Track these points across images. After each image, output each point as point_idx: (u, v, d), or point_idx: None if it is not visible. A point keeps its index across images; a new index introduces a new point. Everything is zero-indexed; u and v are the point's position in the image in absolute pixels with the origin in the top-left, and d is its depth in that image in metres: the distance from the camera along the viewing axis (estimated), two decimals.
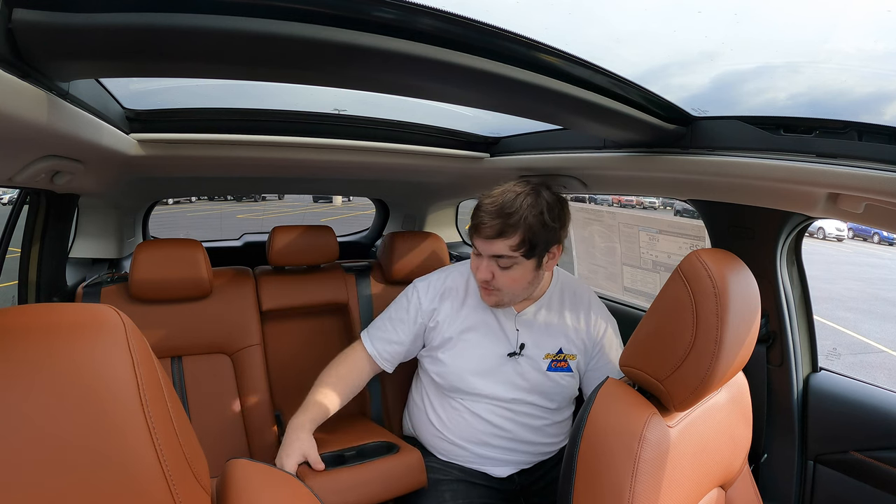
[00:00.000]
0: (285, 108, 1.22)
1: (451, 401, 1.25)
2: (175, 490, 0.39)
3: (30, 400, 0.34)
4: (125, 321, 0.40)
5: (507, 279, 1.12)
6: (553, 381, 1.22)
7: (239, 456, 0.57)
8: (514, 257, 1.10)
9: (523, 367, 1.21)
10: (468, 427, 1.22)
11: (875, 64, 0.81)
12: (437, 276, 1.32)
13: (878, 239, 14.82)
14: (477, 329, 1.24)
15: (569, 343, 1.24)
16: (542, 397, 1.22)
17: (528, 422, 1.23)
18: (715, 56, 0.91)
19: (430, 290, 1.28)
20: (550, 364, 1.22)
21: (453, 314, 1.25)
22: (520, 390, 1.21)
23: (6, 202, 3.49)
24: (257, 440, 1.42)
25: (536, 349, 1.22)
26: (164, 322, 1.40)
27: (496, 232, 1.08)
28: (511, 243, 1.08)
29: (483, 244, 1.11)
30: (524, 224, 1.08)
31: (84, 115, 0.80)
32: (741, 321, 0.77)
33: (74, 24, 0.51)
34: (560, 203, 1.16)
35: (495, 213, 1.08)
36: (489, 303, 1.19)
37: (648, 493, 0.70)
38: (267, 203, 19.07)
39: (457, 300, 1.27)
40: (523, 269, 1.12)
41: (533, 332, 1.23)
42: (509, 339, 1.23)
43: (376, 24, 0.58)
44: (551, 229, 1.11)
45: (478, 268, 1.14)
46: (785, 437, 1.20)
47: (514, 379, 1.21)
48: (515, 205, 1.08)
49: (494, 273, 1.12)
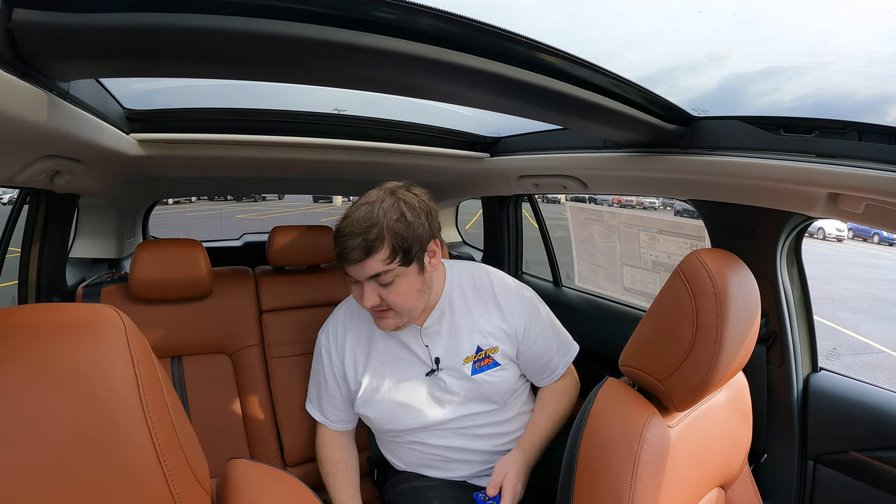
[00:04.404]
0: (285, 108, 1.23)
1: (401, 442, 1.22)
2: (175, 490, 0.39)
3: (29, 400, 0.34)
4: (125, 321, 0.40)
5: (395, 296, 1.03)
6: (483, 383, 1.15)
7: (239, 456, 0.57)
8: (392, 269, 1.00)
9: (446, 381, 1.14)
10: (423, 457, 1.20)
11: (880, 66, 0.81)
12: (334, 321, 1.26)
13: (878, 239, 14.82)
14: (388, 363, 1.17)
15: (486, 337, 1.15)
16: (481, 403, 1.17)
17: (478, 431, 1.18)
18: (722, 58, 0.91)
19: (331, 340, 1.23)
20: (473, 366, 1.15)
21: (362, 356, 1.20)
22: (454, 406, 1.15)
23: (6, 202, 3.49)
24: (257, 440, 1.42)
25: (453, 357, 1.14)
26: (164, 322, 1.40)
27: (362, 252, 0.98)
28: (382, 257, 0.99)
29: (355, 269, 1.01)
30: (389, 232, 0.99)
31: (84, 115, 0.80)
32: (741, 321, 0.77)
33: (74, 24, 0.51)
34: (422, 197, 1.07)
35: (354, 234, 0.99)
36: (388, 328, 1.09)
37: (648, 493, 0.70)
38: (267, 203, 19.07)
39: (361, 340, 1.20)
40: (408, 279, 1.03)
41: (443, 341, 1.15)
42: (421, 358, 1.15)
43: (376, 24, 0.58)
44: (419, 226, 1.02)
45: (361, 296, 1.04)
46: (785, 437, 1.20)
47: (443, 397, 1.15)
48: (372, 217, 0.99)
49: (381, 295, 1.03)
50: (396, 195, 1.04)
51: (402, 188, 1.08)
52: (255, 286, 1.56)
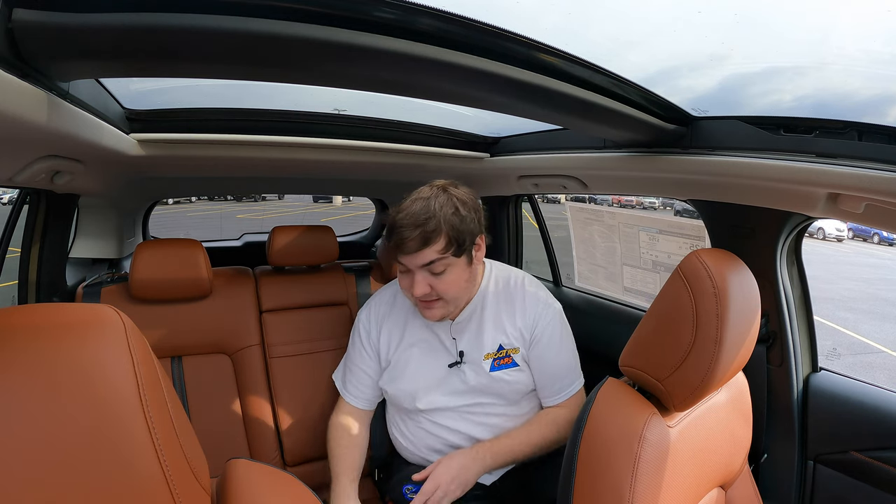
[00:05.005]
0: (285, 107, 1.23)
1: (412, 419, 1.27)
2: (175, 490, 0.39)
3: (29, 400, 0.34)
4: (125, 321, 0.40)
5: (445, 285, 1.10)
6: (499, 381, 1.20)
7: (239, 456, 0.57)
8: (445, 259, 1.08)
9: (466, 374, 1.21)
10: (429, 437, 1.24)
11: (881, 66, 0.81)
12: (377, 302, 1.33)
13: (878, 239, 14.81)
14: (418, 346, 1.24)
15: (508, 338, 1.21)
16: (492, 398, 1.22)
17: (485, 420, 1.22)
18: (722, 58, 0.91)
19: (372, 317, 1.31)
20: (493, 364, 1.21)
21: (396, 337, 1.27)
22: (467, 395, 1.21)
23: (6, 202, 3.49)
24: (257, 440, 1.42)
25: (476, 353, 1.21)
26: (164, 322, 1.40)
27: (420, 242, 1.06)
28: (438, 248, 1.07)
29: (410, 259, 1.08)
30: (445, 224, 1.06)
31: (84, 115, 0.80)
32: (741, 321, 0.77)
33: (74, 24, 0.51)
34: (470, 195, 1.15)
35: (412, 225, 1.06)
36: (434, 318, 1.16)
37: (648, 493, 0.70)
38: (267, 203, 19.07)
39: (398, 323, 1.28)
40: (458, 269, 1.11)
41: (470, 336, 1.22)
42: (448, 350, 1.23)
43: (376, 24, 0.58)
44: (470, 221, 1.10)
45: (411, 285, 1.11)
46: (785, 437, 1.20)
47: (460, 387, 1.21)
48: (429, 210, 1.07)
49: (431, 284, 1.10)
50: (448, 192, 1.12)
51: (452, 185, 1.15)
52: (256, 286, 1.56)
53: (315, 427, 1.43)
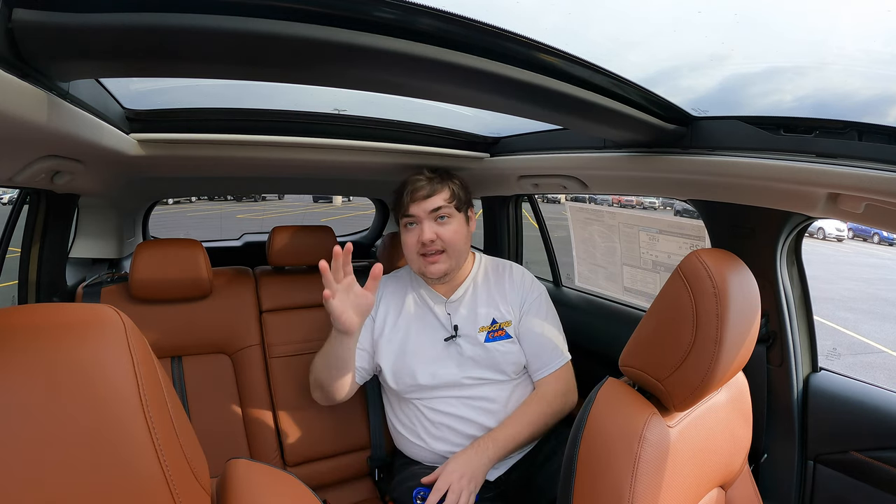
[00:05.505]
0: (285, 108, 1.22)
1: (409, 403, 1.32)
2: (175, 490, 0.39)
3: (29, 400, 0.34)
4: (125, 321, 0.40)
5: (449, 233, 1.27)
6: (494, 351, 1.30)
7: (239, 456, 0.57)
8: (450, 208, 1.29)
9: (462, 346, 1.31)
10: (429, 423, 1.28)
11: (881, 66, 0.81)
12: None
13: (878, 239, 14.82)
14: (414, 320, 1.36)
15: (501, 312, 1.34)
16: (488, 370, 1.29)
17: (485, 406, 1.27)
18: (722, 58, 0.91)
19: None
20: (487, 335, 1.32)
21: (393, 313, 1.37)
22: (464, 367, 1.29)
23: (6, 202, 3.49)
24: (257, 440, 1.42)
25: (471, 326, 1.32)
26: (164, 322, 1.40)
27: (431, 189, 1.28)
28: (445, 196, 1.29)
29: (421, 204, 1.27)
30: (451, 182, 1.32)
31: (84, 115, 0.80)
32: (741, 321, 0.77)
33: (74, 24, 0.51)
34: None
35: (423, 178, 1.29)
36: (438, 273, 1.28)
37: (648, 493, 0.70)
38: (267, 203, 19.08)
39: (396, 296, 1.39)
40: (458, 222, 1.31)
41: (464, 311, 1.34)
42: (444, 325, 1.33)
43: (376, 24, 0.57)
44: (467, 192, 1.36)
45: (420, 234, 1.27)
46: (785, 437, 1.20)
47: (457, 359, 1.30)
48: (439, 171, 1.33)
49: (437, 232, 1.27)
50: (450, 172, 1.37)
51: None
52: (255, 286, 1.56)
53: (315, 427, 1.43)
